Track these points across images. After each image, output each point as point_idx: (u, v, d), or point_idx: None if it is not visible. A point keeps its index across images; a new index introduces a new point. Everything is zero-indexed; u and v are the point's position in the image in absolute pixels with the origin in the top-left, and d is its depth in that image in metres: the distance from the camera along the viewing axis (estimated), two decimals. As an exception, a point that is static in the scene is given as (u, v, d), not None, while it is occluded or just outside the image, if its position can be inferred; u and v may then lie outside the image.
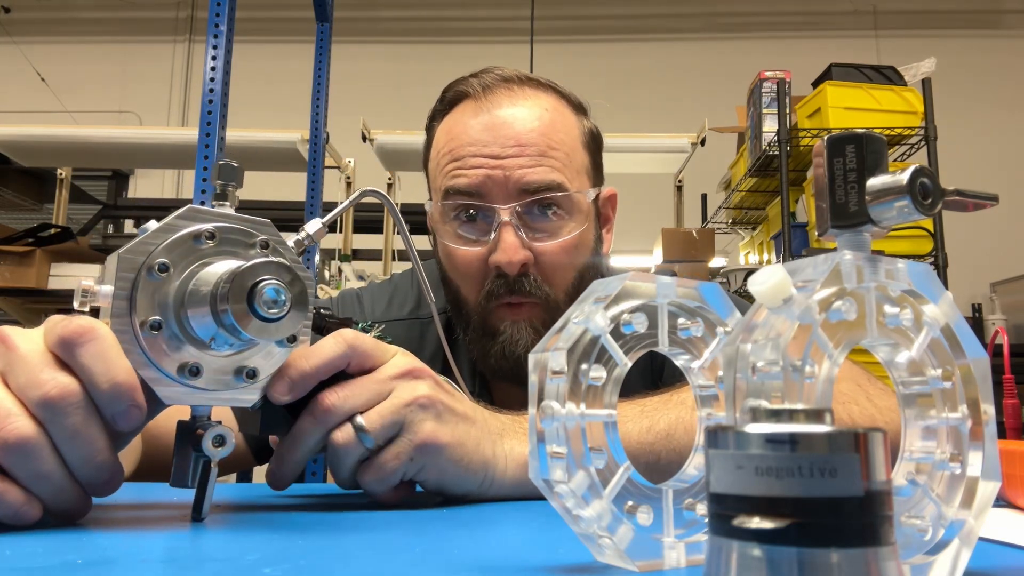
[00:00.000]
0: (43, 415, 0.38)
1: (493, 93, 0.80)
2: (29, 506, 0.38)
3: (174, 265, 0.42)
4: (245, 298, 0.40)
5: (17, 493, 0.38)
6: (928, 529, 0.30)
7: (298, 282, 0.43)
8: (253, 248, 0.45)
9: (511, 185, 0.76)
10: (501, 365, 0.78)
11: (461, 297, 0.81)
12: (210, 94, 1.55)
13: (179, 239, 0.42)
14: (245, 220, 0.45)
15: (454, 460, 0.50)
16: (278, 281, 0.42)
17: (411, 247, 0.62)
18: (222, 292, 0.40)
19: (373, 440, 0.48)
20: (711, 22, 5.30)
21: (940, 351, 0.31)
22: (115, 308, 0.40)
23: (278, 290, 0.41)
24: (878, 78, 2.55)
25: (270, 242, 0.46)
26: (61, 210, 3.43)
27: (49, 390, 0.38)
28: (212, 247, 0.43)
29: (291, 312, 0.42)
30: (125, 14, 5.44)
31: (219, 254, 0.43)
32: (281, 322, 0.42)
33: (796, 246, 2.54)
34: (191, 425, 0.43)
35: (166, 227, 0.42)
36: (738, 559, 0.20)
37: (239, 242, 0.44)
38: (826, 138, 0.31)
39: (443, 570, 0.33)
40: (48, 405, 0.38)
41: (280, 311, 0.41)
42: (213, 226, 0.43)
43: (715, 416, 0.36)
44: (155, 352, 0.41)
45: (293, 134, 2.97)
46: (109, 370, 0.39)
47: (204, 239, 0.43)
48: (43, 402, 0.38)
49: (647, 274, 0.35)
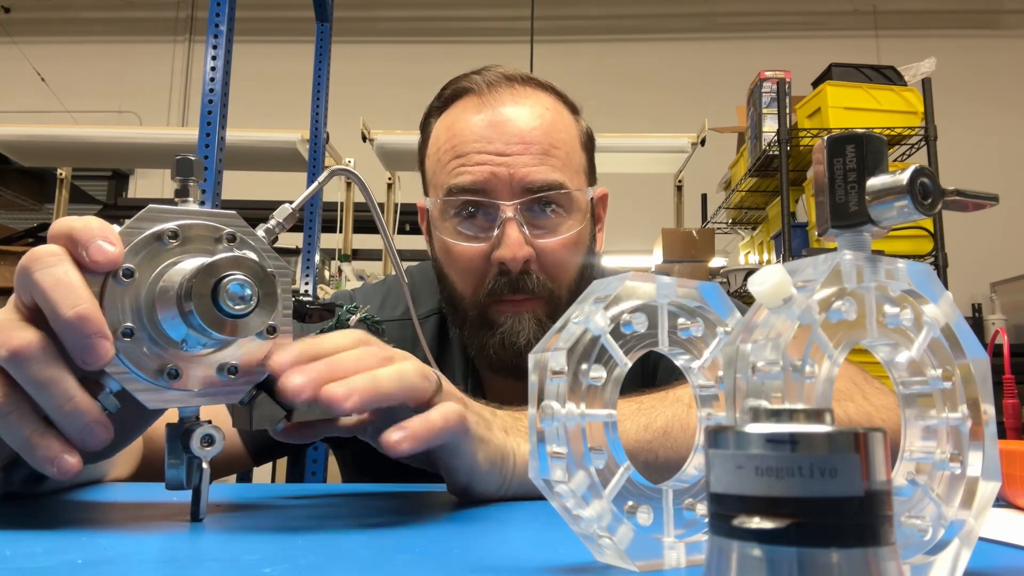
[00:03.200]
0: (12, 371, 0.38)
1: (497, 90, 0.80)
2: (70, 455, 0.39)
3: (140, 269, 0.41)
4: (209, 296, 0.39)
5: (57, 445, 0.38)
6: (928, 529, 0.30)
7: (265, 275, 0.41)
8: (220, 243, 0.43)
9: (515, 183, 0.76)
10: (500, 356, 0.78)
11: (458, 294, 0.81)
12: (210, 94, 1.55)
13: (142, 241, 0.41)
14: (210, 215, 0.44)
15: (483, 453, 0.51)
16: (243, 276, 0.40)
17: (383, 227, 0.60)
18: (186, 291, 0.39)
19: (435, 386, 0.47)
20: (711, 22, 5.30)
21: (940, 351, 0.31)
22: None
23: (243, 284, 0.40)
24: (878, 78, 2.55)
25: (237, 235, 0.44)
26: (61, 210, 3.42)
27: (10, 345, 0.38)
28: (177, 246, 0.42)
29: (259, 307, 0.41)
30: (125, 14, 5.44)
31: (185, 252, 0.42)
32: (249, 318, 0.41)
33: (796, 246, 2.54)
34: (179, 427, 0.43)
35: (128, 231, 0.41)
36: (738, 559, 0.20)
37: (205, 238, 0.43)
38: (826, 138, 0.31)
39: (443, 570, 0.33)
40: (11, 360, 0.38)
41: (247, 306, 0.40)
42: (176, 224, 0.42)
43: (715, 416, 0.36)
44: (132, 358, 0.40)
45: (293, 134, 2.97)
46: (68, 297, 0.38)
47: (167, 239, 0.42)
48: (9, 357, 0.38)
49: (647, 274, 0.35)
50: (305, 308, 0.50)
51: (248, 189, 3.40)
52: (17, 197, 4.15)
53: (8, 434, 0.39)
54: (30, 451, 0.38)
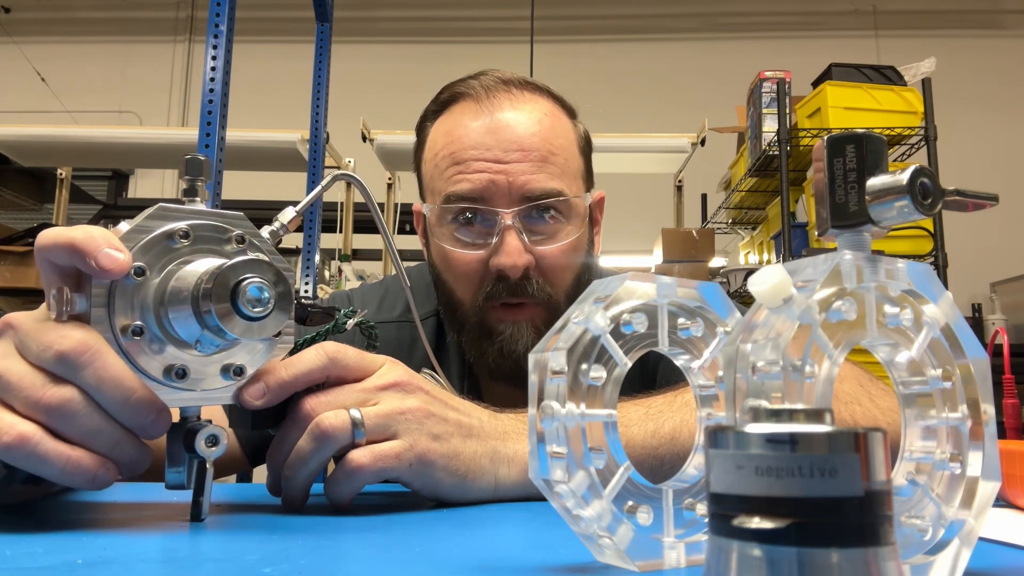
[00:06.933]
0: (64, 372, 0.39)
1: (494, 95, 0.80)
2: (104, 469, 0.40)
3: (150, 267, 0.41)
4: (228, 298, 0.40)
5: (91, 459, 0.39)
6: (928, 529, 0.30)
7: (281, 279, 0.42)
8: (229, 243, 0.44)
9: (514, 191, 0.76)
10: (500, 364, 0.78)
11: (456, 299, 0.81)
12: (210, 94, 1.55)
13: (153, 240, 0.41)
14: (218, 215, 0.44)
15: (449, 472, 0.50)
16: (261, 279, 0.41)
17: (385, 231, 0.60)
18: (204, 292, 0.39)
19: (364, 435, 0.47)
20: (711, 22, 5.30)
21: (940, 351, 0.31)
22: (94, 316, 0.40)
23: (261, 288, 0.41)
24: (878, 78, 2.55)
25: (246, 236, 0.44)
26: (61, 210, 3.42)
27: (60, 347, 0.39)
28: (187, 245, 0.42)
29: (275, 310, 0.41)
30: (125, 14, 5.44)
31: (195, 252, 0.42)
32: (266, 320, 0.41)
33: (796, 246, 2.54)
34: (181, 427, 0.43)
35: (138, 228, 0.41)
36: (738, 559, 0.20)
37: (214, 238, 0.43)
38: (826, 138, 0.31)
39: (443, 570, 0.33)
40: (64, 361, 0.39)
41: (265, 309, 0.41)
42: (187, 224, 0.42)
43: (715, 416, 0.36)
44: (139, 357, 0.40)
45: (293, 134, 2.97)
46: (121, 386, 0.39)
47: (178, 238, 0.42)
48: (59, 359, 0.39)
49: (647, 274, 0.35)
50: (306, 312, 0.50)
51: (248, 189, 3.40)
52: (17, 197, 4.14)
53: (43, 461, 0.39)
54: (71, 468, 0.39)
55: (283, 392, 0.46)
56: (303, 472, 0.48)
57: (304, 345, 0.49)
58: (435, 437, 0.49)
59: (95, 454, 0.40)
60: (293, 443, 0.48)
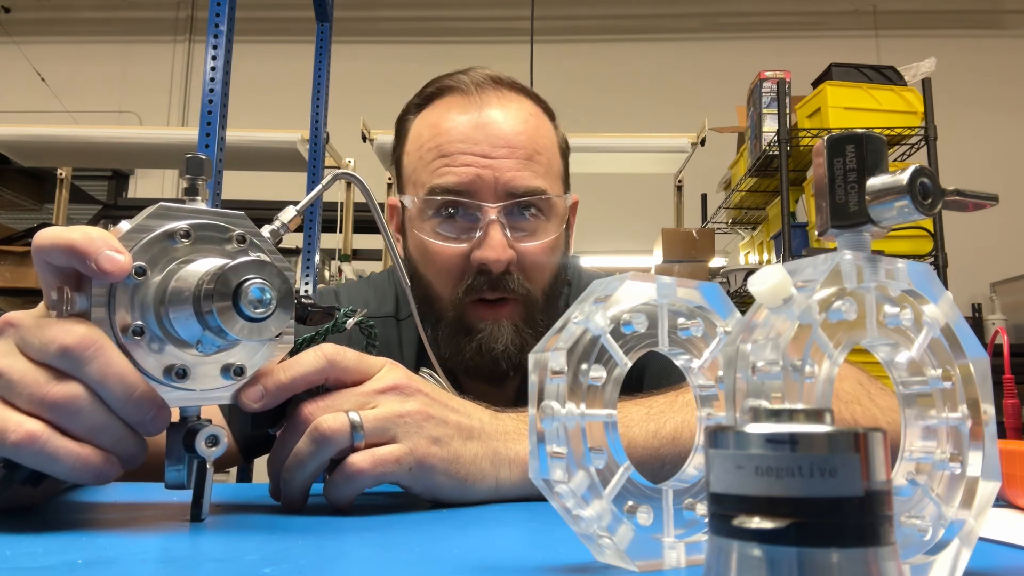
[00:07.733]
0: (68, 367, 0.39)
1: (483, 91, 0.81)
2: (109, 465, 0.40)
3: (151, 267, 0.41)
4: (230, 298, 0.40)
5: (97, 455, 0.39)
6: (928, 529, 0.30)
7: (283, 279, 0.42)
8: (230, 243, 0.44)
9: (500, 186, 0.77)
10: (476, 362, 0.78)
11: (434, 293, 0.81)
12: (210, 94, 1.54)
13: (153, 239, 0.41)
14: (219, 215, 0.44)
15: (449, 476, 0.50)
16: (263, 280, 0.41)
17: (385, 231, 0.60)
18: (205, 292, 0.39)
19: (363, 438, 0.47)
20: (711, 22, 5.30)
21: (940, 351, 0.31)
22: (95, 316, 0.40)
23: (263, 289, 0.41)
24: (878, 78, 2.55)
25: (247, 236, 0.44)
26: (61, 210, 3.42)
27: (64, 341, 0.38)
28: (188, 245, 0.42)
29: (277, 311, 0.41)
30: (125, 14, 5.44)
31: (196, 252, 0.42)
32: (267, 321, 0.41)
33: (796, 246, 2.54)
34: (181, 426, 0.43)
35: (139, 228, 0.41)
36: (738, 559, 0.20)
37: (215, 238, 0.43)
38: (826, 138, 0.31)
39: (443, 570, 0.33)
40: (68, 356, 0.38)
41: (266, 310, 0.41)
42: (187, 224, 0.42)
43: (715, 416, 0.36)
44: (140, 357, 0.40)
45: (293, 134, 2.97)
46: (125, 382, 0.39)
47: (179, 238, 0.42)
48: (63, 354, 0.38)
49: (647, 274, 0.35)
50: (306, 311, 0.50)
51: (248, 189, 3.40)
52: (17, 197, 4.14)
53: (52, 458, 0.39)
54: (80, 465, 0.39)
55: (281, 395, 0.46)
56: (301, 474, 0.48)
57: (304, 344, 0.49)
58: (435, 440, 0.49)
59: (100, 450, 0.40)
60: (292, 447, 0.48)
